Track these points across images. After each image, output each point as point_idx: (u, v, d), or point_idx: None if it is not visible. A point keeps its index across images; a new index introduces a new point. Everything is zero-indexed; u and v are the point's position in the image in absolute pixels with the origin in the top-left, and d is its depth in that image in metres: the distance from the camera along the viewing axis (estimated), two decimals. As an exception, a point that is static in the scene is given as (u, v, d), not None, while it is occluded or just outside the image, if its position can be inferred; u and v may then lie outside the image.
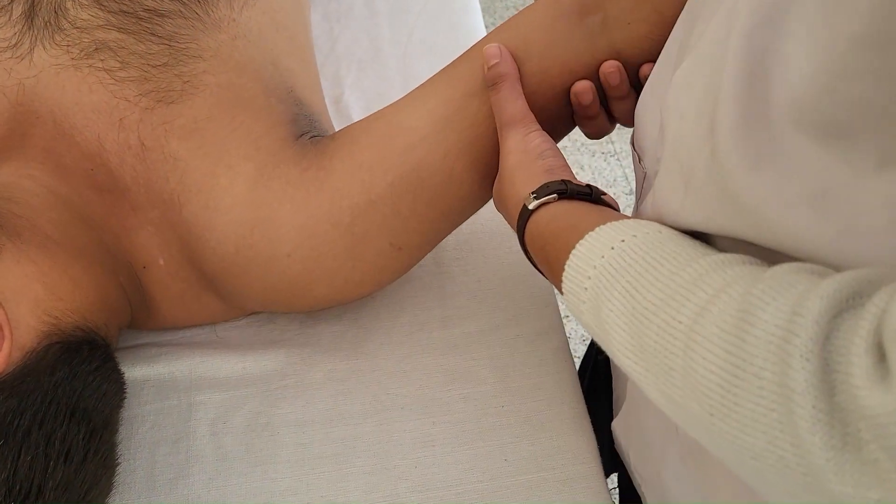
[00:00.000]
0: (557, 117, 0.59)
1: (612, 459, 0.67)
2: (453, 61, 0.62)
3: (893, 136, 0.29)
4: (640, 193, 0.53)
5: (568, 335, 1.52)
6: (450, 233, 0.64)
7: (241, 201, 0.58)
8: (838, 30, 0.28)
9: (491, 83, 0.57)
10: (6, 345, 0.50)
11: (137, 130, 0.58)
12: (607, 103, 0.58)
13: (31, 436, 0.48)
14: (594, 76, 0.57)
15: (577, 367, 0.71)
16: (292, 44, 0.70)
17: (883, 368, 0.25)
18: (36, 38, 0.58)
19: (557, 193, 0.48)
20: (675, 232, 0.40)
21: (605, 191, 0.51)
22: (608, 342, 0.39)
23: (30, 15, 0.59)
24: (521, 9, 2.08)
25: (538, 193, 0.49)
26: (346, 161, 0.59)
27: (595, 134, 0.60)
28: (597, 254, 0.40)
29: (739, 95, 0.35)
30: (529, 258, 0.51)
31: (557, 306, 0.73)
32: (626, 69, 0.56)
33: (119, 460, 0.56)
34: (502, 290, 0.73)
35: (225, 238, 0.58)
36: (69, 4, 0.59)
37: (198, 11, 0.62)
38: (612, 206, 0.50)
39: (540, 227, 0.48)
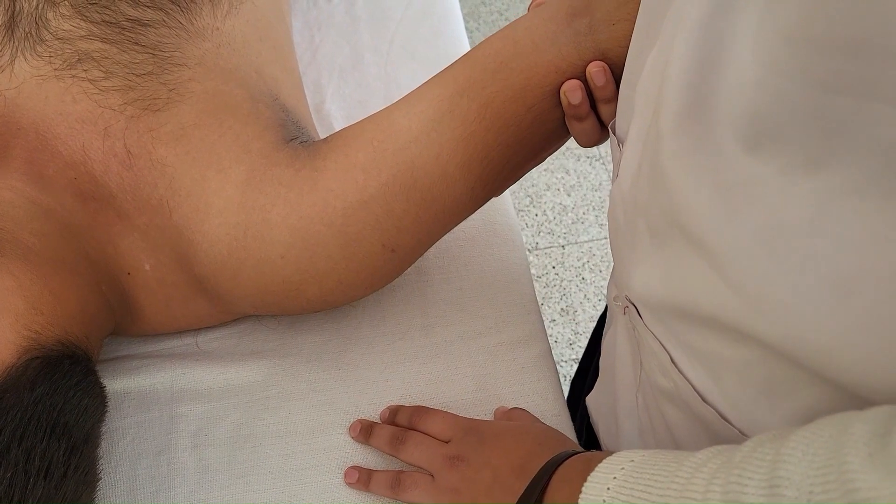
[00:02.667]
0: (552, 119, 0.60)
1: (590, 440, 0.69)
2: (450, 64, 0.63)
3: (820, 140, 0.30)
4: (615, 177, 0.54)
5: (554, 339, 1.53)
6: (442, 236, 0.64)
7: (233, 204, 0.58)
8: (774, 23, 0.29)
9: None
10: None
11: (123, 138, 0.58)
12: (596, 108, 0.59)
13: (10, 452, 0.48)
14: (582, 78, 0.58)
15: (578, 363, 0.71)
16: (276, 52, 0.70)
17: None
18: (17, 50, 0.58)
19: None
20: (646, 454, 0.43)
21: (591, 194, 0.53)
22: None
23: (10, 26, 0.58)
24: (504, 13, 2.07)
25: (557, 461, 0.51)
26: (340, 162, 0.59)
27: (586, 140, 0.61)
28: (602, 489, 0.42)
29: (687, 83, 0.36)
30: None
31: (539, 313, 0.73)
32: (613, 71, 0.57)
33: (100, 475, 0.56)
34: (484, 297, 0.73)
35: (217, 240, 0.58)
36: (50, 15, 0.59)
37: (181, 21, 0.62)
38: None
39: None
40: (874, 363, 0.32)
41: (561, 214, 1.67)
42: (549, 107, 0.59)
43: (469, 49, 0.95)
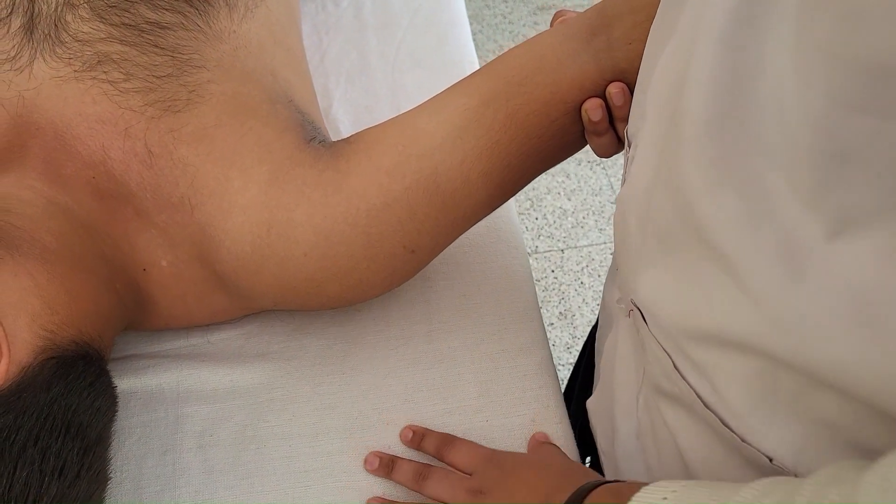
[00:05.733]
0: (572, 133, 0.62)
1: (584, 444, 0.70)
2: (473, 72, 0.64)
3: (834, 159, 0.30)
4: (624, 180, 0.55)
5: (552, 343, 1.54)
6: (456, 238, 0.66)
7: (257, 203, 0.59)
8: (811, 39, 0.29)
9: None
10: (4, 361, 0.50)
11: (144, 138, 0.59)
12: (614, 123, 0.61)
13: (26, 452, 0.49)
14: (602, 95, 0.60)
15: (572, 368, 0.72)
16: (289, 56, 0.72)
17: None
18: (36, 51, 0.59)
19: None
20: (686, 485, 0.42)
21: (591, 198, 0.53)
22: None
23: (29, 27, 0.59)
24: (508, 16, 2.08)
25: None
26: (364, 164, 0.61)
27: (603, 152, 0.63)
28: None
29: (715, 93, 0.37)
30: None
31: (541, 321, 0.74)
32: (630, 88, 0.58)
33: (110, 475, 0.57)
34: (486, 304, 0.74)
35: (240, 238, 0.59)
36: (69, 18, 0.59)
37: (199, 23, 0.63)
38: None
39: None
40: (893, 377, 0.32)
41: (561, 218, 1.68)
42: (571, 121, 0.61)
43: (475, 55, 0.96)
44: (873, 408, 0.34)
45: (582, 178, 1.74)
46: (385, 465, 0.64)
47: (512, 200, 0.81)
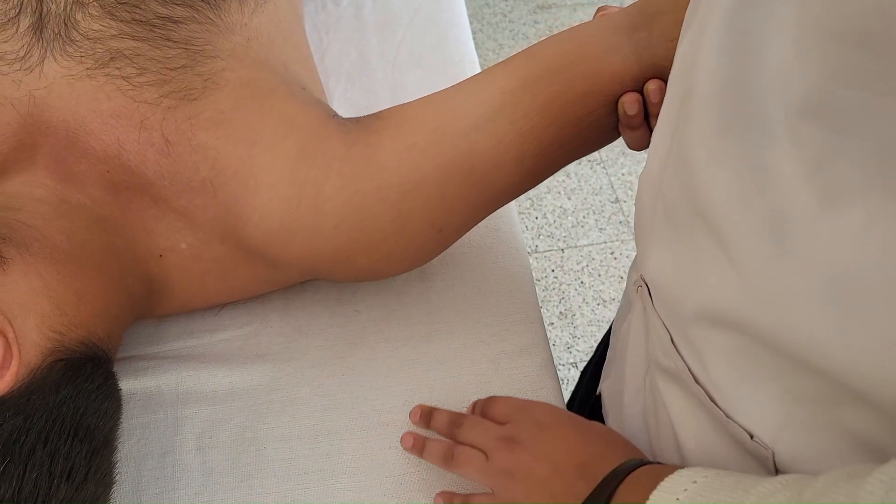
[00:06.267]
0: (606, 124, 0.62)
1: None
2: (512, 56, 0.64)
3: (830, 136, 0.31)
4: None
5: (552, 343, 1.54)
6: (483, 219, 0.66)
7: (284, 178, 0.59)
8: (808, 16, 0.30)
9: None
10: (15, 363, 0.50)
11: (161, 129, 0.59)
12: (648, 119, 0.62)
13: (35, 454, 0.49)
14: (640, 90, 0.61)
15: (585, 364, 0.72)
16: (297, 52, 0.72)
17: None
18: (46, 50, 0.59)
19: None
20: (710, 475, 0.42)
21: (591, 198, 0.54)
22: None
23: (38, 27, 0.59)
24: (508, 15, 2.08)
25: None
26: (396, 140, 0.61)
27: (636, 145, 0.64)
28: None
29: (719, 70, 0.38)
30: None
31: (542, 322, 0.74)
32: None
33: (116, 479, 0.57)
34: (487, 306, 0.74)
35: (269, 214, 0.59)
36: (79, 16, 0.59)
37: (211, 16, 0.63)
38: None
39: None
40: (866, 357, 0.33)
41: (561, 218, 1.68)
42: (606, 113, 0.62)
43: (475, 55, 0.96)
44: (846, 386, 0.35)
45: (582, 177, 1.74)
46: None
47: (512, 202, 0.81)
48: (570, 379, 1.49)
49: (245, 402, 0.67)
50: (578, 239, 1.66)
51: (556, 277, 1.61)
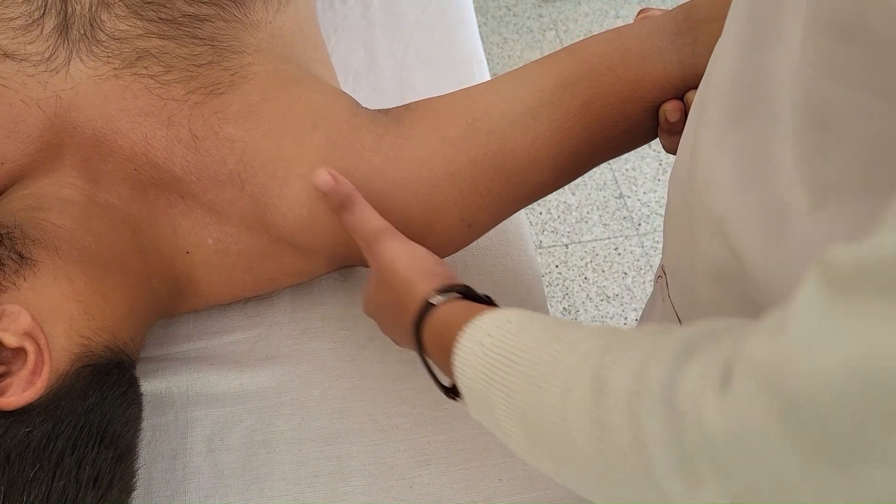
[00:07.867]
0: (643, 128, 0.62)
1: None
2: (552, 53, 0.64)
3: (817, 130, 0.31)
4: None
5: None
6: (513, 215, 0.66)
7: (314, 168, 0.58)
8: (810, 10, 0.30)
9: (339, 206, 0.57)
10: (46, 369, 0.49)
11: (188, 124, 0.59)
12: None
13: (64, 460, 0.49)
14: (680, 97, 0.60)
15: None
16: (317, 53, 0.72)
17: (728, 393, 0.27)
18: (72, 51, 0.59)
19: (460, 293, 0.50)
20: (540, 316, 0.43)
21: (596, 193, 0.55)
22: (499, 431, 0.43)
23: (63, 28, 0.59)
24: (512, 9, 2.06)
25: (441, 290, 0.50)
26: (429, 133, 0.60)
27: (672, 150, 0.63)
28: (476, 343, 0.43)
29: (733, 61, 0.38)
30: (420, 351, 0.53)
31: (550, 324, 0.74)
32: None
33: (136, 486, 0.57)
34: (497, 308, 0.73)
35: (298, 203, 0.59)
36: (105, 17, 0.59)
37: (236, 14, 0.63)
38: None
39: (438, 319, 0.50)
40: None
41: (565, 213, 1.68)
42: (645, 118, 0.61)
43: (483, 53, 0.95)
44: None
45: (586, 173, 1.74)
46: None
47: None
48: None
49: (255, 404, 0.67)
50: (582, 234, 1.66)
51: (560, 273, 1.61)
